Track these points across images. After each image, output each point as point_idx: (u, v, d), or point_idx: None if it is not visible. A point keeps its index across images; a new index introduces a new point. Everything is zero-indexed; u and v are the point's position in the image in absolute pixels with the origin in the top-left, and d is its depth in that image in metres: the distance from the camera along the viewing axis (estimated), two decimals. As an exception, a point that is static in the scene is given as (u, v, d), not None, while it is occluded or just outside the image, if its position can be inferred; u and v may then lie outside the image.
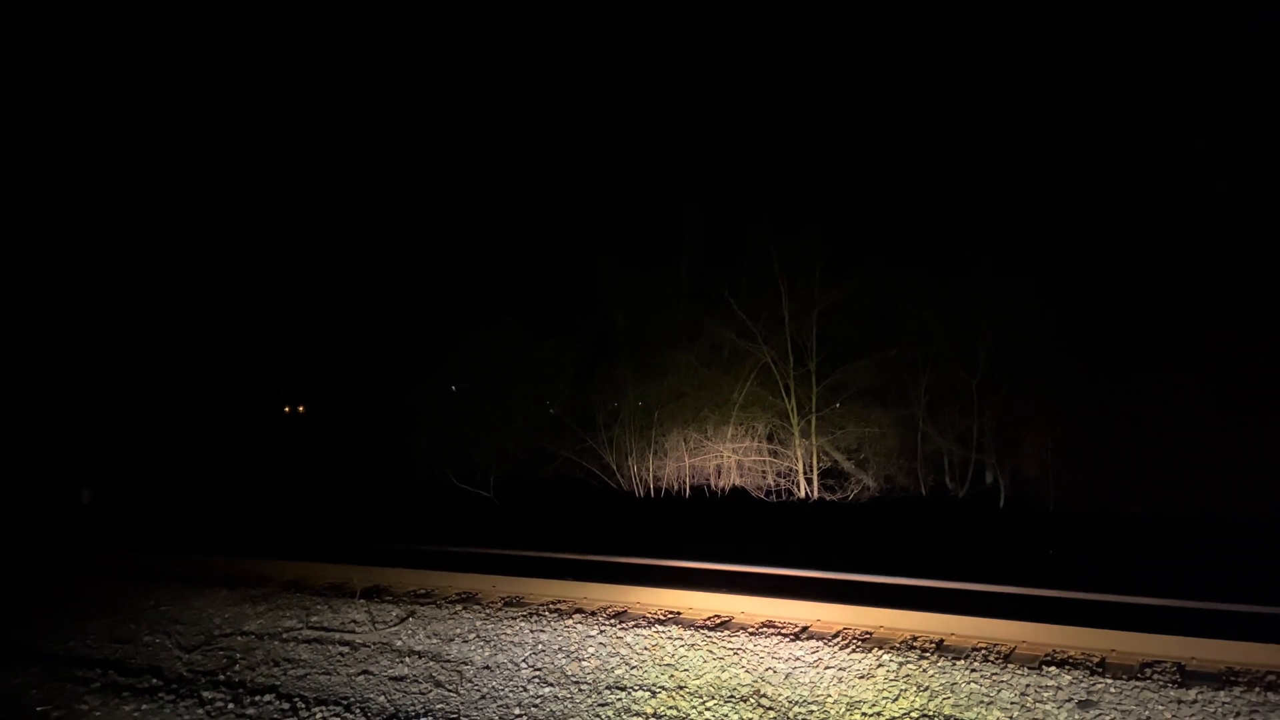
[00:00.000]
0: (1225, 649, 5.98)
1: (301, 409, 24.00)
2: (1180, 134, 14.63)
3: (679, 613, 7.62)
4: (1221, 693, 5.40)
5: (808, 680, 5.96)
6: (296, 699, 6.05)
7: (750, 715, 5.48)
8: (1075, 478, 13.27)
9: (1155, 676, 5.75)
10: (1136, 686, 5.56)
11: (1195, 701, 5.32)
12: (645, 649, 6.66)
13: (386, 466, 18.31)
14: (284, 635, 7.46)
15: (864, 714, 5.43)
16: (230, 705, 6.00)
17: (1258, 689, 5.45)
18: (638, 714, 5.56)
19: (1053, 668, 5.92)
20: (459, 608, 7.95)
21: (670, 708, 5.63)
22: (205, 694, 6.20)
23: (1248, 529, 10.98)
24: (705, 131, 18.84)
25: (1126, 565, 9.54)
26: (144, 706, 6.03)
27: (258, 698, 6.09)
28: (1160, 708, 5.28)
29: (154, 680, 6.53)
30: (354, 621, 7.74)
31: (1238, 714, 5.14)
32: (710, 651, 6.53)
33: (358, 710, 5.82)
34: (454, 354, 18.83)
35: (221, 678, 6.58)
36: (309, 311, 22.46)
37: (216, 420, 22.06)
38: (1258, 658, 5.86)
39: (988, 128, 16.12)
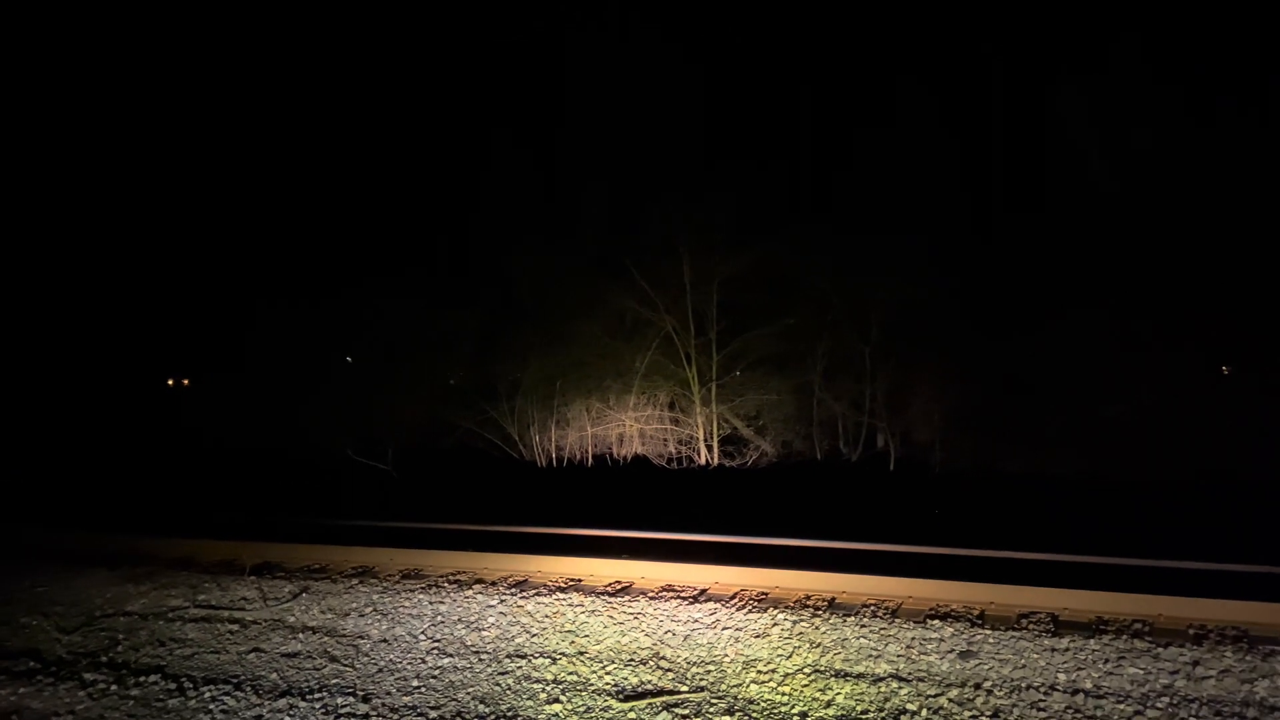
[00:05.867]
0: (1095, 599, 6.33)
1: (186, 382, 23.06)
2: (1060, 95, 15.24)
3: (580, 580, 7.65)
4: (1092, 641, 5.73)
5: (705, 641, 6.08)
6: (184, 679, 5.85)
7: (649, 677, 5.56)
8: (959, 441, 13.85)
9: (1031, 627, 6.06)
10: (1014, 636, 5.85)
11: (1068, 649, 5.63)
12: (546, 617, 6.68)
13: (280, 441, 17.78)
14: (169, 614, 7.20)
15: (759, 671, 5.57)
16: (113, 687, 5.77)
17: (1125, 636, 5.80)
18: (538, 681, 5.58)
19: (936, 621, 6.19)
20: (355, 582, 7.81)
21: (570, 673, 5.67)
22: (87, 676, 5.96)
23: (1116, 486, 11.65)
24: (609, 102, 18.71)
25: (1005, 522, 10.00)
26: (22, 689, 5.76)
27: (142, 678, 5.87)
28: (1035, 656, 5.57)
29: (32, 663, 6.25)
30: (244, 599, 7.52)
31: (1107, 660, 5.46)
32: (611, 617, 6.59)
33: (249, 688, 5.67)
34: (351, 323, 18.37)
35: (104, 659, 6.32)
36: (194, 284, 21.51)
37: (95, 396, 21.02)
38: (1125, 607, 6.23)
39: (876, 91, 16.51)
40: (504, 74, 20.71)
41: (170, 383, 23.22)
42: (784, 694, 5.27)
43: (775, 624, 6.28)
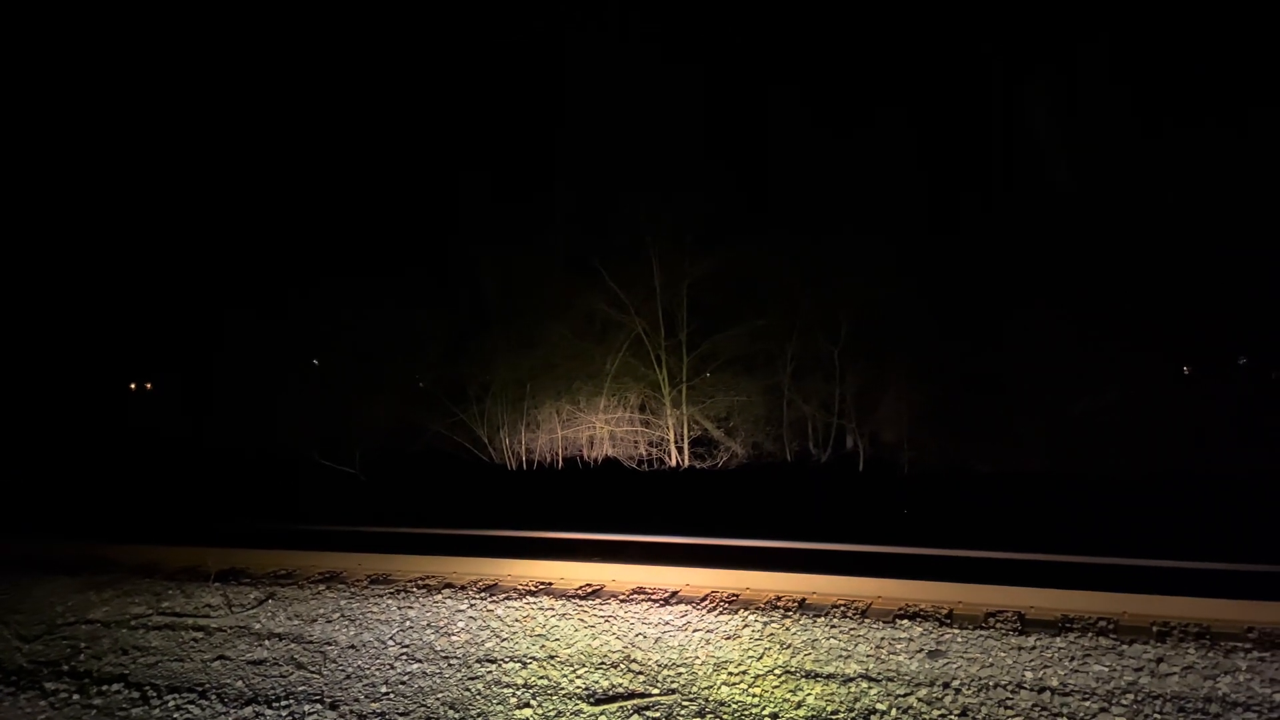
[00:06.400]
0: (1061, 598, 6.41)
1: (149, 385, 22.69)
2: (1022, 98, 15.46)
3: (551, 583, 7.62)
4: (1058, 639, 5.79)
5: (676, 643, 6.07)
6: (147, 687, 5.76)
7: (620, 680, 5.54)
8: (928, 441, 13.97)
9: (998, 625, 6.12)
10: (981, 635, 5.90)
11: (1034, 648, 5.69)
12: (516, 621, 6.64)
13: (245, 445, 17.55)
14: (132, 622, 7.07)
15: (730, 673, 5.58)
16: (76, 696, 5.67)
17: (1090, 634, 5.87)
18: (508, 685, 5.54)
19: (905, 620, 6.23)
20: (322, 587, 7.72)
21: (541, 677, 5.64)
22: (48, 685, 5.84)
23: (1083, 484, 11.82)
24: (580, 102, 18.67)
25: (973, 522, 10.10)
26: (-22, 701, 5.64)
27: (105, 687, 5.77)
28: (1003, 654, 5.63)
29: (-11, 674, 6.11)
30: (209, 605, 7.40)
31: (1072, 658, 5.52)
32: (582, 620, 6.57)
33: (214, 696, 5.58)
34: (318, 326, 18.17)
35: (65, 668, 6.20)
36: (158, 286, 21.15)
37: (55, 399, 20.63)
38: (1090, 605, 6.31)
39: (844, 93, 16.63)
40: (474, 74, 20.61)
41: (133, 386, 22.83)
42: (755, 695, 5.27)
43: (746, 625, 6.29)
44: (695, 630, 6.26)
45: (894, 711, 4.98)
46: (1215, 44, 14.85)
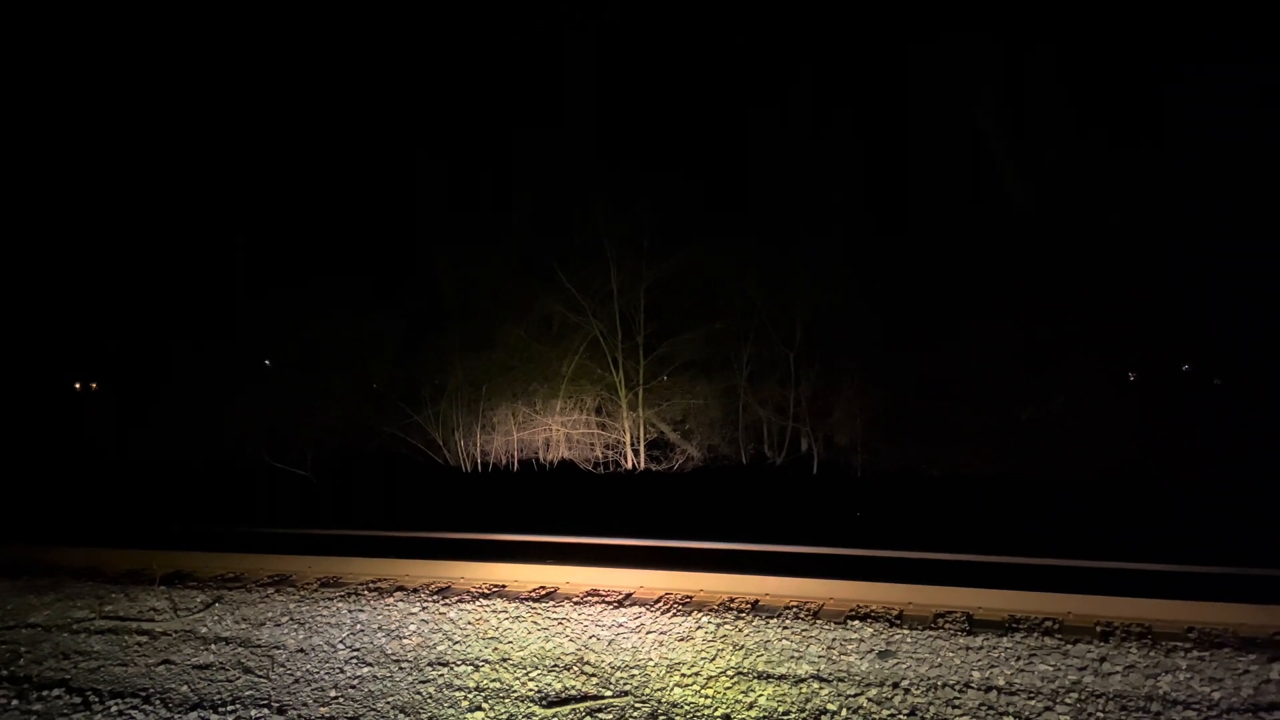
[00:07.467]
0: (1008, 598, 6.51)
1: (94, 385, 22.14)
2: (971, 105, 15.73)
3: (504, 586, 7.58)
4: (1005, 639, 5.89)
5: (630, 645, 6.07)
6: (89, 692, 5.62)
7: (574, 683, 5.53)
8: (881, 444, 14.15)
9: (947, 626, 6.21)
10: (930, 636, 5.98)
11: (981, 648, 5.78)
12: (469, 624, 6.59)
13: (194, 446, 17.21)
14: (74, 626, 6.90)
15: (683, 675, 5.59)
16: (14, 701, 5.51)
17: (1036, 634, 5.98)
18: (460, 689, 5.50)
19: (856, 621, 6.29)
20: (271, 591, 7.60)
21: (493, 680, 5.60)
22: (-15, 692, 5.68)
23: (1030, 486, 12.05)
24: (538, 103, 18.64)
25: (924, 523, 10.24)
26: (-88, 709, 5.45)
27: (45, 692, 5.62)
28: (951, 655, 5.71)
29: (-79, 681, 5.92)
30: (153, 609, 7.25)
31: (1019, 658, 5.62)
32: (535, 623, 6.54)
33: (158, 701, 5.46)
34: (268, 326, 17.90)
35: (4, 673, 6.03)
36: (106, 283, 20.67)
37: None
38: (1036, 606, 6.42)
39: (794, 95, 16.80)
40: (431, 75, 20.45)
41: (77, 386, 22.27)
42: (707, 697, 5.29)
43: (700, 627, 6.31)
44: (649, 632, 6.27)
45: (844, 711, 5.03)
46: (1155, 58, 15.23)
